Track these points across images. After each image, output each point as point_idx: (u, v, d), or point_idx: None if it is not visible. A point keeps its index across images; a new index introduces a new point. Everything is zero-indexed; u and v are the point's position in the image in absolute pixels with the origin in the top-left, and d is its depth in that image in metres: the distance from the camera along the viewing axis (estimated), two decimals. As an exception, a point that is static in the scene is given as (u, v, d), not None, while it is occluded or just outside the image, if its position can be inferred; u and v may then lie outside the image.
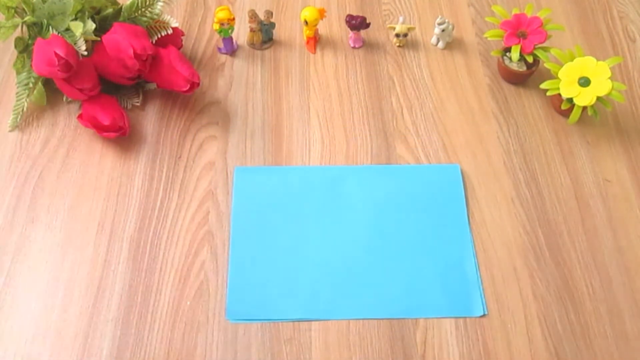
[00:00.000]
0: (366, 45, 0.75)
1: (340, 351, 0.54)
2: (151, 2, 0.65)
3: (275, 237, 0.60)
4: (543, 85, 0.66)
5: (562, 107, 0.67)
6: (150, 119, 0.68)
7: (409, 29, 0.73)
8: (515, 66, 0.69)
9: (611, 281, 0.58)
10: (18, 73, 0.66)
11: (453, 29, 0.73)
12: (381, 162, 0.65)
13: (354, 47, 0.74)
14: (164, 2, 0.65)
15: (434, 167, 0.64)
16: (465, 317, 0.56)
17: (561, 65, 0.65)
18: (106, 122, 0.62)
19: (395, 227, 0.60)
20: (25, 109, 0.66)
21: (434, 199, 0.62)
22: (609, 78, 0.62)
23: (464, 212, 0.61)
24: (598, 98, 0.63)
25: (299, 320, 0.55)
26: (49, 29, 0.63)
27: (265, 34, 0.73)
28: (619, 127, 0.68)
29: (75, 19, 0.63)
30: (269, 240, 0.59)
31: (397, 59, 0.73)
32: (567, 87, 0.64)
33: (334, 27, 0.76)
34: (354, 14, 0.72)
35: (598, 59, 0.63)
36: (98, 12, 0.66)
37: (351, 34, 0.73)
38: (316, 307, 0.56)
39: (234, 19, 0.70)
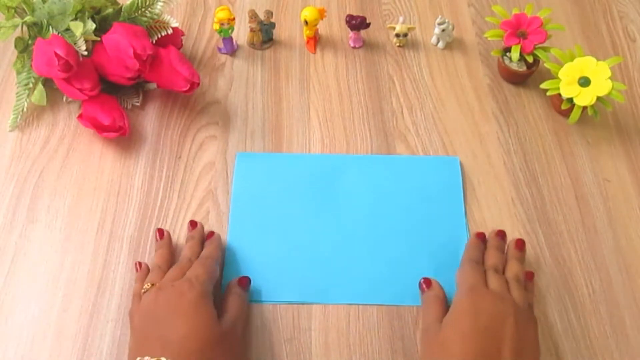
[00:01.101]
0: (366, 45, 0.75)
1: (340, 351, 0.54)
2: (151, 2, 0.65)
3: (274, 224, 0.60)
4: (543, 85, 0.66)
5: (562, 107, 0.67)
6: (150, 119, 0.68)
7: (409, 29, 0.73)
8: (515, 66, 0.69)
9: (611, 281, 0.58)
10: (18, 73, 0.66)
11: (453, 29, 0.73)
12: (381, 162, 0.65)
13: (354, 47, 0.74)
14: (164, 2, 0.65)
15: (433, 159, 0.65)
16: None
17: (561, 65, 0.65)
18: (106, 122, 0.62)
19: (393, 217, 0.61)
20: (25, 109, 0.66)
21: (432, 189, 0.63)
22: (609, 78, 0.62)
23: (460, 204, 0.62)
24: (598, 98, 0.63)
25: (297, 303, 0.56)
26: (49, 29, 0.63)
27: (265, 34, 0.73)
28: (619, 127, 0.68)
29: (75, 19, 0.63)
30: (267, 226, 0.60)
31: (397, 59, 0.73)
32: (567, 87, 0.64)
33: (334, 27, 0.76)
34: (354, 14, 0.72)
35: (598, 59, 0.63)
36: (98, 12, 0.66)
37: (351, 34, 0.73)
38: (314, 290, 0.57)
39: (234, 19, 0.70)
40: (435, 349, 0.48)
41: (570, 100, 0.65)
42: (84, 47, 0.61)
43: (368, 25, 0.72)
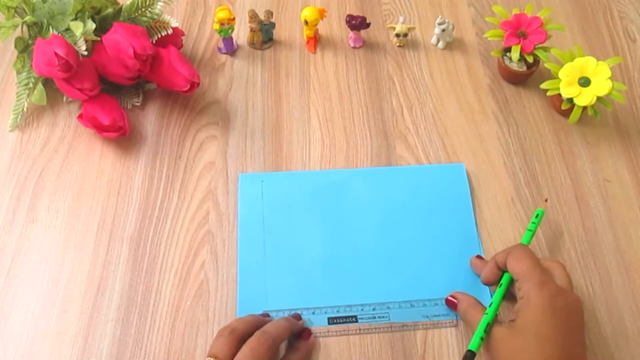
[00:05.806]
0: (366, 45, 0.75)
1: (340, 351, 0.54)
2: (151, 2, 0.65)
3: (281, 243, 0.59)
4: (543, 85, 0.66)
5: (562, 107, 0.67)
6: (150, 119, 0.68)
7: (409, 29, 0.73)
8: (515, 66, 0.69)
9: (611, 281, 0.58)
10: (18, 73, 0.66)
11: (453, 29, 0.73)
12: (381, 162, 0.65)
13: (354, 47, 0.74)
14: (164, 2, 0.65)
15: (439, 167, 0.64)
16: (465, 317, 0.56)
17: (561, 65, 0.65)
18: (106, 122, 0.62)
19: (403, 230, 0.60)
20: (25, 109, 0.66)
21: (440, 198, 0.62)
22: (609, 78, 0.62)
23: (470, 211, 0.61)
24: (598, 98, 0.63)
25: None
26: (49, 29, 0.63)
27: (265, 34, 0.73)
28: (619, 127, 0.68)
29: (76, 19, 0.63)
30: (278, 248, 0.59)
31: (397, 59, 0.73)
32: (567, 87, 0.64)
33: (334, 27, 0.76)
34: (354, 14, 0.72)
35: (598, 59, 0.63)
36: (98, 12, 0.66)
37: (351, 34, 0.73)
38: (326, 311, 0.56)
39: (234, 19, 0.70)
40: (508, 355, 0.46)
41: (570, 100, 0.65)
42: (84, 47, 0.61)
43: (368, 25, 0.72)
